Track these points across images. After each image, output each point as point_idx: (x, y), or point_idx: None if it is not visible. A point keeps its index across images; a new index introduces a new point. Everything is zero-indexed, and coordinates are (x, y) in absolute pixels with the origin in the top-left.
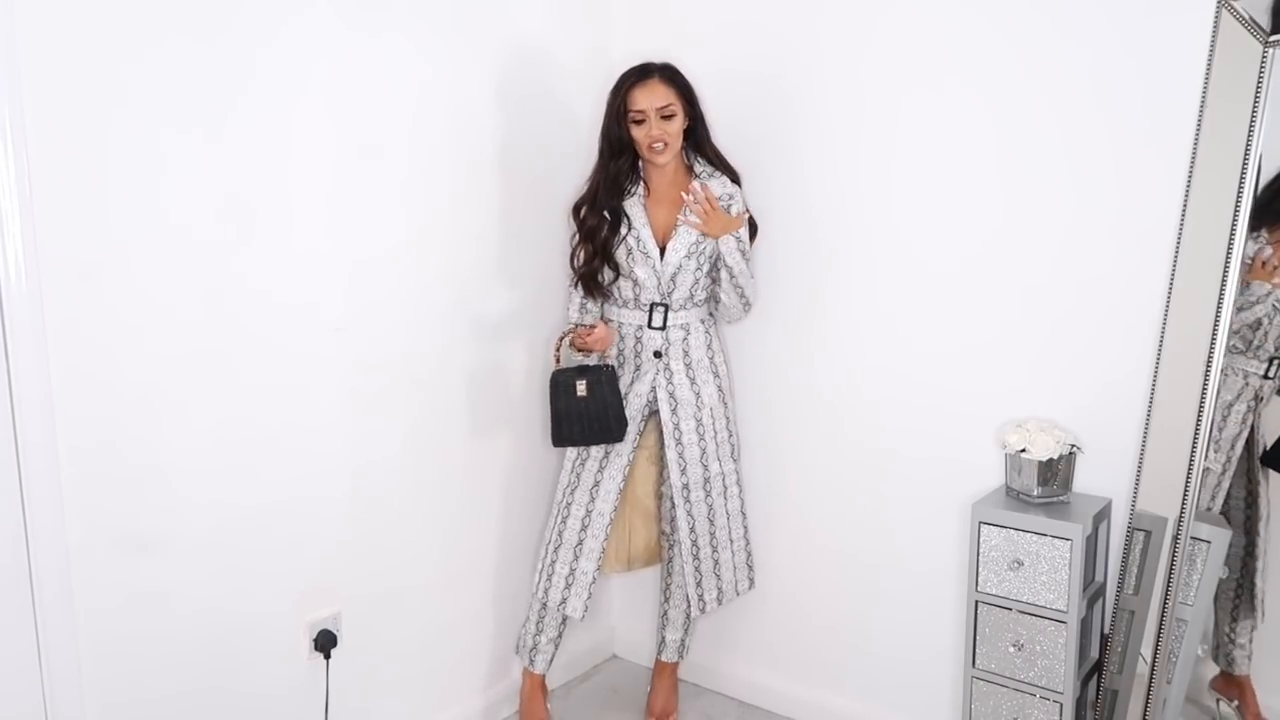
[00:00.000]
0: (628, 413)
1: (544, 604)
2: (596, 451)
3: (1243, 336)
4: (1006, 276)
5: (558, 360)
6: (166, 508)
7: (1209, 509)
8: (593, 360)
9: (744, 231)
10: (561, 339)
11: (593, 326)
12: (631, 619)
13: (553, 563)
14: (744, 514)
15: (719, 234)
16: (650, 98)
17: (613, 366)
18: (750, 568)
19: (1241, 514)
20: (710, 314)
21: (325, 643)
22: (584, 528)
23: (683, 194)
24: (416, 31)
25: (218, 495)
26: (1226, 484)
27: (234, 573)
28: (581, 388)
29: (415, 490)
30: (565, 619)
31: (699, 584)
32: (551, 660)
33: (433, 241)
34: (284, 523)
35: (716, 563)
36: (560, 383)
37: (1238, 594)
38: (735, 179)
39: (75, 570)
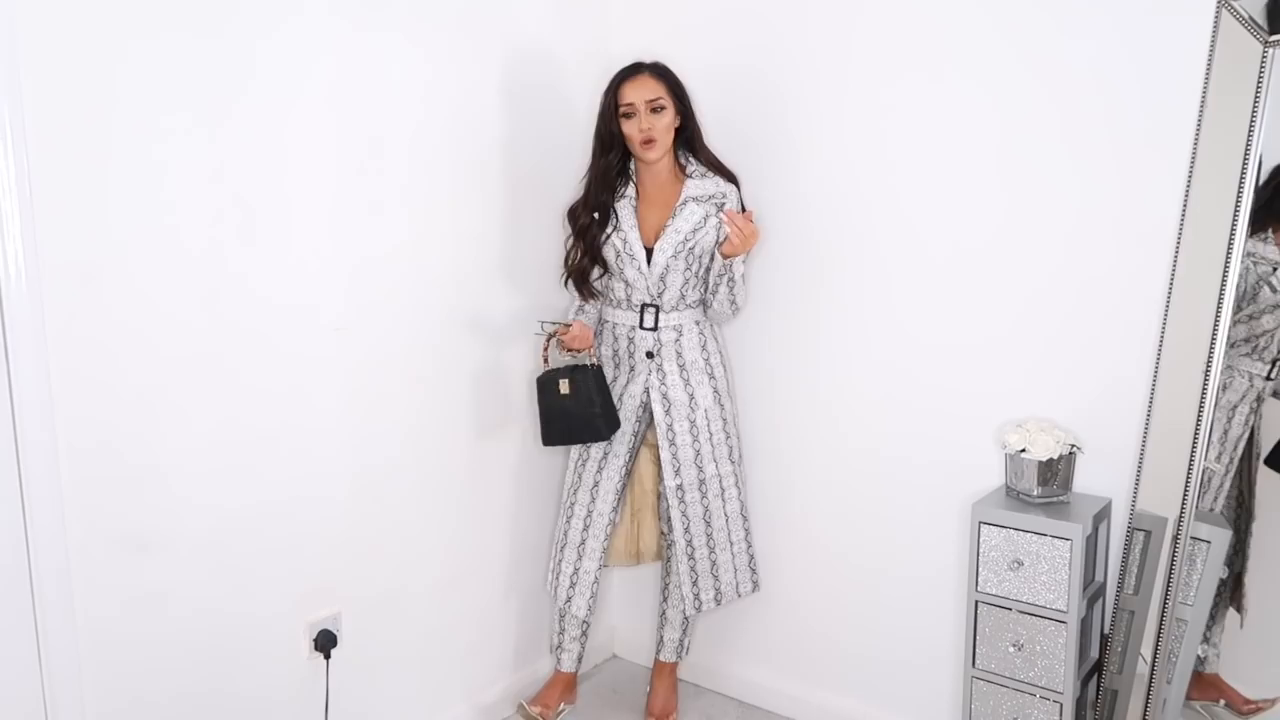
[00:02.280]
0: (622, 414)
1: (557, 604)
2: (595, 452)
3: (1249, 341)
4: (1007, 277)
5: (546, 361)
6: (166, 508)
7: (1211, 509)
8: (581, 360)
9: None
10: (548, 341)
11: (569, 325)
12: (631, 619)
13: (560, 562)
14: (745, 516)
15: (744, 251)
16: (639, 91)
17: (599, 365)
18: (754, 570)
19: (1231, 514)
20: (708, 314)
21: (325, 643)
22: (585, 527)
23: (725, 223)
24: (417, 30)
25: (218, 496)
26: (1228, 485)
27: (234, 573)
28: (564, 385)
29: (416, 491)
30: (588, 619)
31: (695, 583)
32: (579, 659)
33: (434, 240)
34: (284, 523)
35: (714, 563)
36: (545, 383)
37: (1219, 593)
38: (731, 180)
39: (75, 571)
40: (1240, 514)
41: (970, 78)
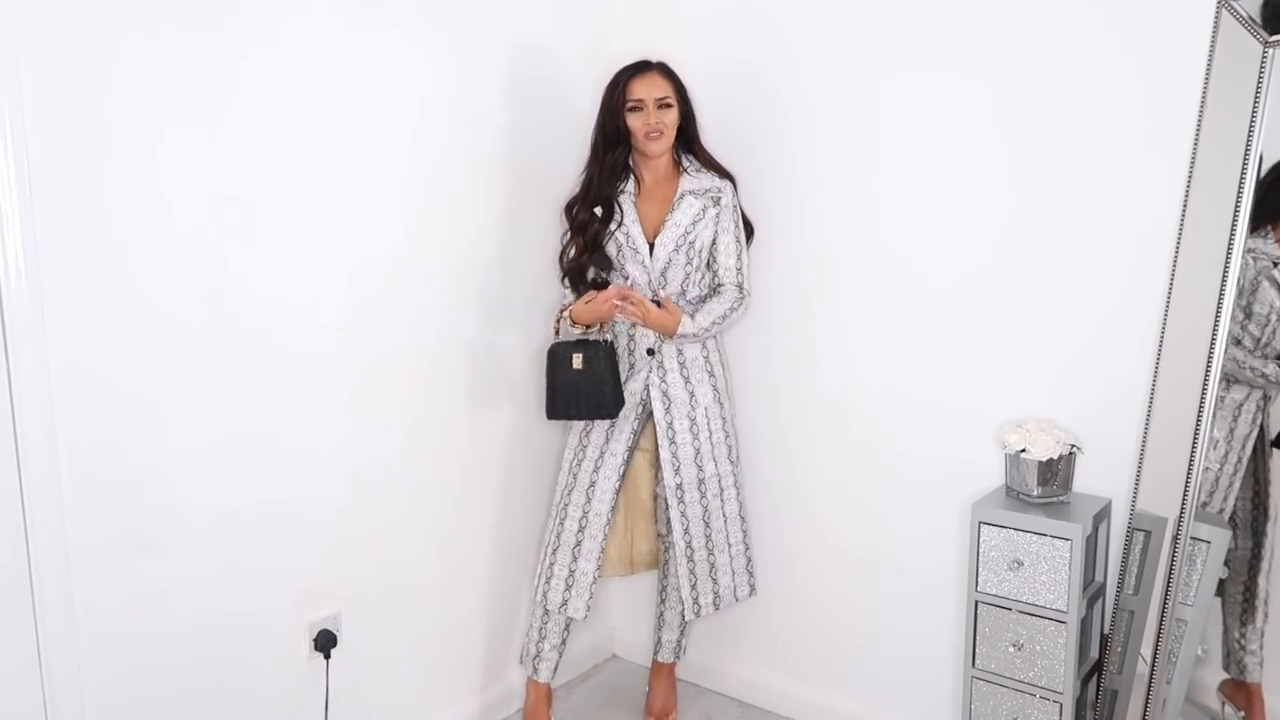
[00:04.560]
0: (622, 411)
1: (545, 608)
2: (592, 451)
3: (1251, 335)
4: (1006, 276)
5: (557, 333)
6: (166, 507)
7: (1220, 510)
8: (592, 335)
9: (702, 320)
10: (561, 313)
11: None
12: (631, 619)
13: (552, 565)
14: (743, 518)
15: (669, 334)
16: (649, 88)
17: (611, 342)
18: (751, 574)
19: (1248, 515)
20: None
21: (325, 643)
22: (581, 529)
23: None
24: (416, 28)
25: (218, 495)
26: (1238, 485)
27: (234, 573)
28: (577, 360)
29: (415, 490)
30: (569, 624)
31: (693, 587)
32: (556, 668)
33: (432, 239)
34: (284, 522)
35: (713, 566)
36: (557, 355)
37: (1245, 599)
38: (726, 176)
39: (75, 570)
40: (1256, 515)
41: (970, 77)
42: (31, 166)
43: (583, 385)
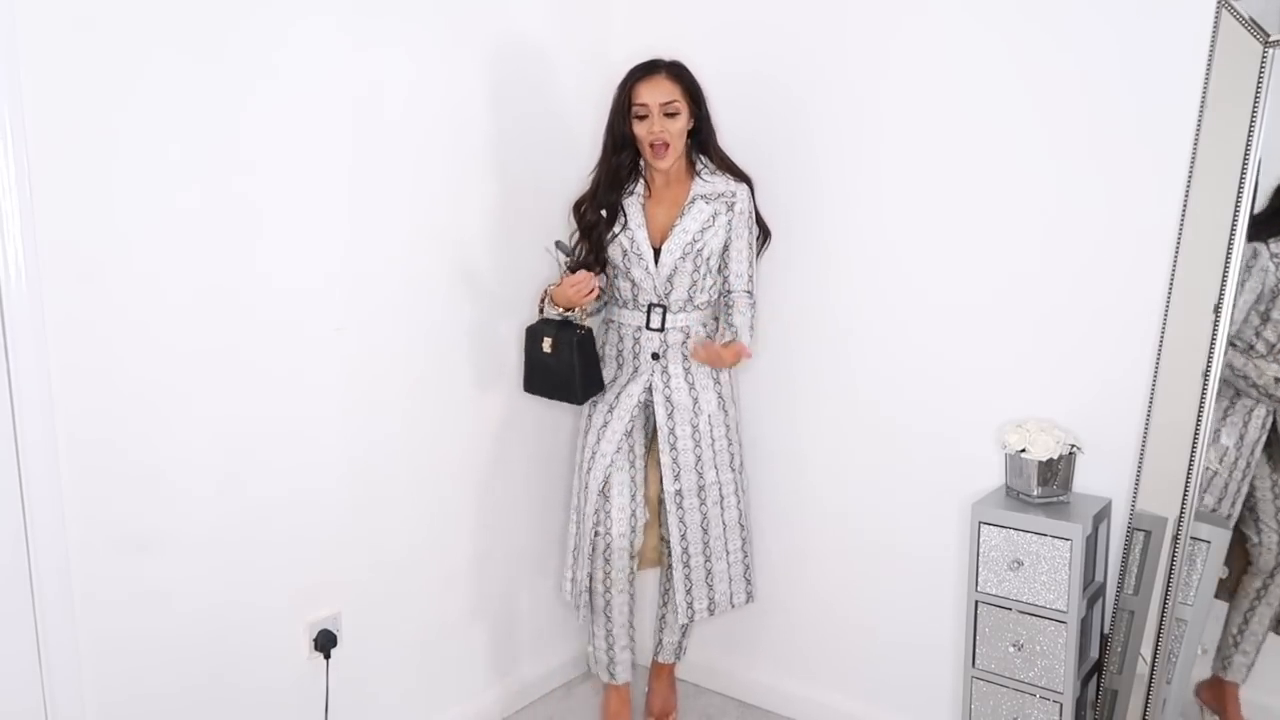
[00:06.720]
0: (616, 413)
1: (608, 616)
2: (601, 460)
3: (1265, 340)
4: (1007, 277)
5: (541, 311)
6: (167, 505)
7: (1214, 509)
8: (574, 318)
9: (747, 338)
10: (545, 293)
11: (574, 255)
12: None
13: (574, 567)
14: (743, 525)
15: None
16: (654, 93)
17: (589, 330)
18: (749, 581)
19: (1274, 520)
20: (715, 318)
21: (325, 642)
22: (597, 534)
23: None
24: (415, 31)
25: (218, 493)
26: (1245, 488)
27: (234, 571)
28: (547, 344)
29: (415, 490)
30: (631, 621)
31: (688, 591)
32: (632, 664)
33: (431, 239)
34: (284, 522)
35: (709, 572)
36: (533, 333)
37: (1253, 599)
38: (743, 179)
39: (75, 569)
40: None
41: (969, 80)
42: (32, 166)
43: (552, 366)
